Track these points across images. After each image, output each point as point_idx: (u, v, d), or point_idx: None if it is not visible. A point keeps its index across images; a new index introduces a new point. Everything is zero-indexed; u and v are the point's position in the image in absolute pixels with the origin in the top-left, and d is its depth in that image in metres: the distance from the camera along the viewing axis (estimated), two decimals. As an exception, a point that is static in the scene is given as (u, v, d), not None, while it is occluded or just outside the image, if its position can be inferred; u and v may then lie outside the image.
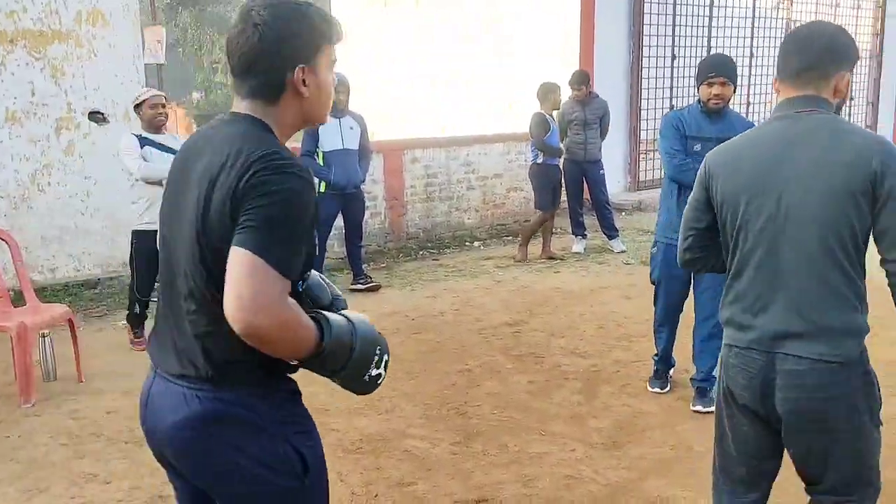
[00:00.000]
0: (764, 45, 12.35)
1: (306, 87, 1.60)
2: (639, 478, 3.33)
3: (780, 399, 2.04)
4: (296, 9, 1.59)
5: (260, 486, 1.59)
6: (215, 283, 1.49)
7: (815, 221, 1.96)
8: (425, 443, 3.71)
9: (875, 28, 13.96)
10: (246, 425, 1.57)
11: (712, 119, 3.90)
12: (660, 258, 4.10)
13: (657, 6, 10.75)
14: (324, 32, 1.62)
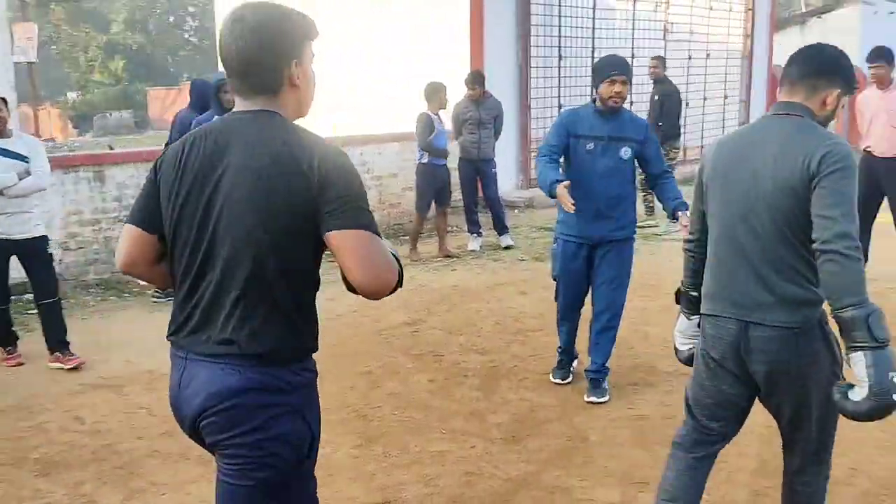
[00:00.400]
0: (644, 47, 12.85)
1: (299, 79, 1.81)
2: (538, 470, 3.39)
3: (753, 362, 2.34)
4: (281, 11, 1.78)
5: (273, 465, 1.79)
6: (285, 267, 1.75)
7: (772, 209, 2.26)
8: (325, 447, 3.63)
9: (746, 30, 14.80)
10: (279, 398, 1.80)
11: (605, 118, 3.98)
12: (559, 254, 4.18)
13: (543, 7, 11.01)
14: (306, 29, 1.83)
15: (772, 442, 3.57)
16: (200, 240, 1.76)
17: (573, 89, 11.59)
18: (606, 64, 4.00)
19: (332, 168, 1.72)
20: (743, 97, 15.07)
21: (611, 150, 3.96)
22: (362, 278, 1.71)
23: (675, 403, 4.05)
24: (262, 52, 1.75)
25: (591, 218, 3.97)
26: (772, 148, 2.28)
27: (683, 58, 13.70)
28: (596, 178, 3.95)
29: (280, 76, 1.78)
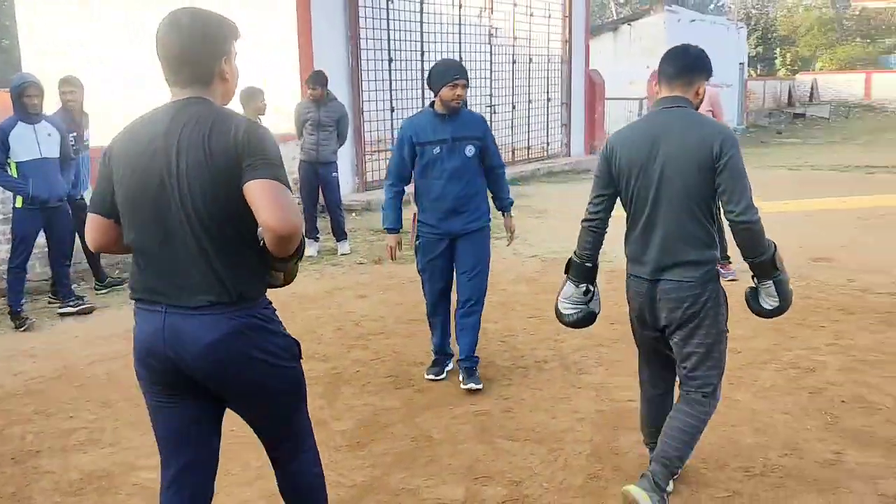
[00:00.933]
0: (471, 51, 13.21)
1: (228, 73, 2.20)
2: (383, 474, 3.37)
3: (661, 310, 2.90)
4: (212, 14, 2.19)
5: (279, 372, 2.26)
6: (234, 221, 2.08)
7: (681, 187, 2.79)
8: (157, 473, 3.42)
9: (564, 36, 15.57)
10: (262, 330, 2.19)
11: (445, 120, 4.16)
12: (421, 250, 4.34)
13: (371, 10, 11.02)
14: (233, 31, 2.22)
15: (602, 427, 3.77)
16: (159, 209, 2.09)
17: (404, 92, 11.69)
18: (447, 69, 4.16)
19: (253, 136, 2.06)
20: (564, 100, 15.84)
21: (456, 151, 4.15)
22: (274, 220, 1.98)
23: (513, 397, 4.17)
24: (194, 48, 2.12)
25: (446, 214, 4.20)
26: (676, 137, 2.80)
27: (508, 62, 14.22)
28: (446, 178, 4.15)
29: (211, 70, 2.16)
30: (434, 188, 4.17)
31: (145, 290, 2.16)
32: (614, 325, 5.36)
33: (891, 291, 5.95)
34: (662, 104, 2.91)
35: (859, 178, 12.98)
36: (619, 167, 2.91)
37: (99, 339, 5.28)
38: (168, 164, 2.06)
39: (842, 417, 3.79)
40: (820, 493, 3.10)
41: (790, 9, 44.23)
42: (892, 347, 4.74)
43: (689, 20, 22.01)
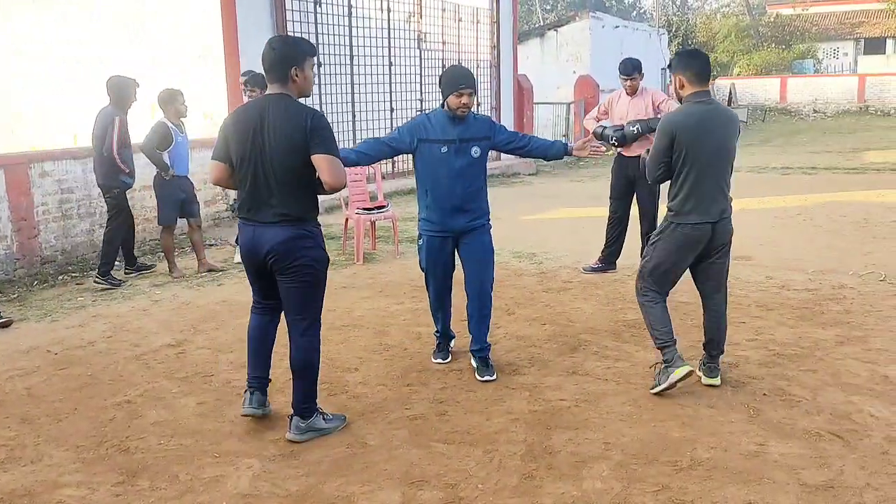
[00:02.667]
0: (400, 55, 13.22)
1: (297, 77, 3.55)
2: (318, 482, 3.33)
3: (716, 241, 4.08)
4: (290, 38, 3.76)
5: (313, 271, 3.63)
6: (297, 172, 3.50)
7: (727, 158, 4.05)
8: (82, 489, 3.32)
9: (492, 41, 15.73)
10: (306, 238, 3.59)
11: (455, 123, 4.35)
12: (425, 248, 4.54)
13: (299, 14, 10.91)
14: (306, 50, 3.61)
15: (535, 427, 3.82)
16: (255, 163, 3.52)
17: (333, 96, 11.61)
18: (454, 77, 4.30)
19: (316, 122, 3.45)
20: (494, 104, 16.00)
21: (463, 151, 4.35)
22: (331, 180, 3.45)
23: (448, 399, 4.19)
24: (275, 60, 3.53)
25: (451, 212, 4.41)
26: (722, 122, 4.00)
27: (438, 66, 14.27)
28: (452, 176, 4.35)
29: (286, 75, 3.53)
30: (440, 186, 4.36)
31: (245, 211, 3.61)
32: (545, 326, 5.44)
33: (807, 288, 6.22)
34: (701, 97, 3.98)
35: (776, 179, 13.52)
36: (679, 143, 3.93)
37: (17, 353, 5.06)
38: (262, 133, 3.47)
39: (764, 410, 3.94)
40: (745, 484, 3.21)
41: (709, 16, 45.74)
42: (809, 342, 4.95)
43: (612, 26, 22.54)
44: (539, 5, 46.62)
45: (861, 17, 42.62)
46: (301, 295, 3.64)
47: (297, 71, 3.51)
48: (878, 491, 3.14)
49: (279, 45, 3.54)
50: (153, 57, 10.25)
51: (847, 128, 25.95)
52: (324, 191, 3.53)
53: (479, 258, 4.53)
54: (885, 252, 7.43)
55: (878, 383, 4.26)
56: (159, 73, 9.72)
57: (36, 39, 11.72)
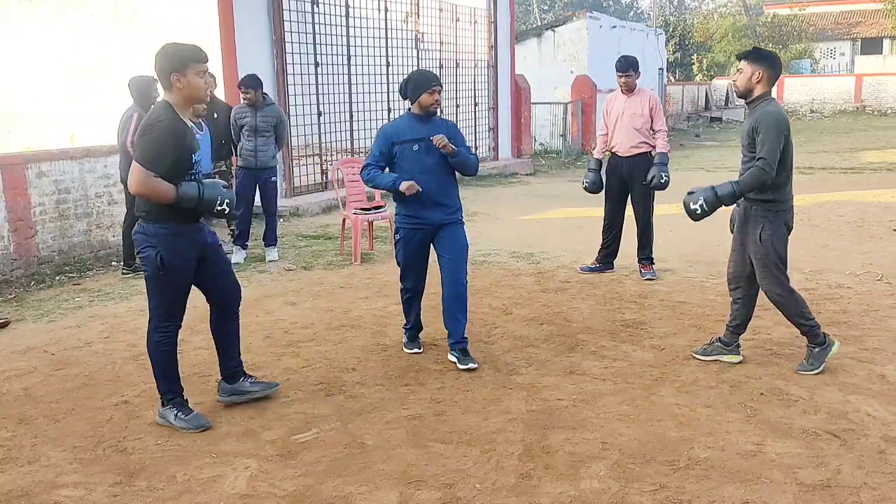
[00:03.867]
0: (397, 55, 13.21)
1: (180, 84, 3.62)
2: (316, 483, 3.33)
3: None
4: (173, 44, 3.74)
5: (146, 267, 3.76)
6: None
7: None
8: (79, 490, 3.31)
9: (490, 41, 15.73)
10: (141, 236, 3.72)
11: (423, 121, 4.67)
12: (402, 243, 4.77)
13: (296, 14, 10.91)
14: (189, 56, 3.65)
15: (533, 427, 3.82)
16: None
17: (331, 96, 11.60)
18: (425, 78, 4.70)
19: (141, 128, 3.62)
20: (491, 104, 16.00)
21: (432, 148, 4.59)
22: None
23: (445, 400, 4.19)
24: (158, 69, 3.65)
25: (429, 206, 4.66)
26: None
27: (435, 67, 14.27)
28: (427, 172, 4.62)
29: (167, 82, 3.64)
30: (418, 182, 4.58)
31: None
32: (543, 326, 5.44)
33: (804, 287, 6.22)
34: (773, 97, 4.33)
35: (773, 179, 13.52)
36: (788, 134, 4.26)
37: (14, 354, 5.06)
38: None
39: (761, 409, 3.94)
40: (742, 484, 3.21)
41: (706, 16, 45.75)
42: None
43: (610, 26, 22.55)
44: (536, 5, 46.65)
45: (858, 17, 42.71)
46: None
47: (178, 77, 3.58)
48: (874, 490, 3.15)
49: (161, 51, 3.62)
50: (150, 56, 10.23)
51: (844, 128, 25.99)
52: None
53: (455, 255, 4.72)
54: (882, 252, 7.44)
55: (874, 383, 4.26)
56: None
57: (32, 39, 11.71)
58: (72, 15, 11.25)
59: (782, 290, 4.41)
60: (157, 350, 3.88)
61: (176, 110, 3.67)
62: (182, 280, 3.81)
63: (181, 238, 3.73)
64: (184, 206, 3.65)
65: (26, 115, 11.84)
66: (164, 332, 3.87)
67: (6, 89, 12.04)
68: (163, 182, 3.59)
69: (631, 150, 6.57)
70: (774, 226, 4.32)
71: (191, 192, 3.66)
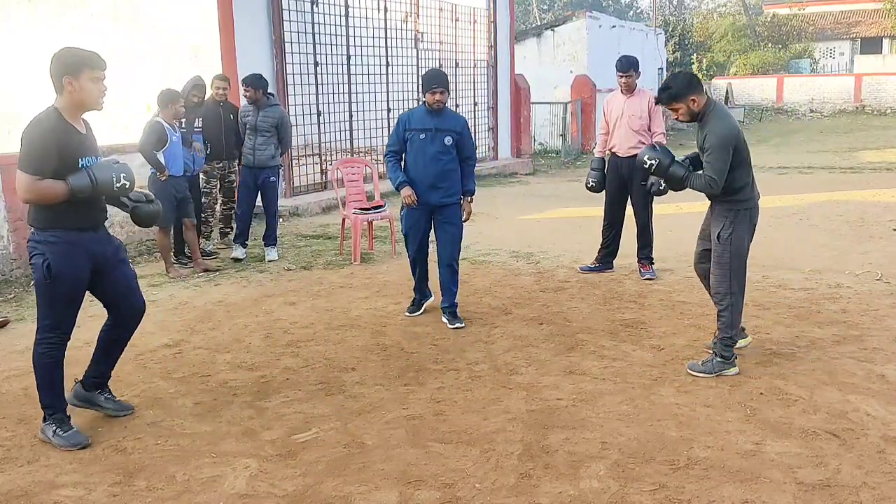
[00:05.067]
0: (397, 55, 13.21)
1: (72, 87, 3.49)
2: (315, 483, 3.33)
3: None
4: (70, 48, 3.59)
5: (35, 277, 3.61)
6: None
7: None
8: (79, 489, 3.31)
9: (489, 41, 15.73)
10: (32, 244, 3.59)
11: (432, 115, 5.35)
12: (405, 216, 5.50)
13: (296, 14, 10.90)
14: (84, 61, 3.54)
15: (532, 426, 3.82)
16: None
17: (330, 96, 11.60)
18: (428, 79, 5.34)
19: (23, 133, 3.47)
20: (491, 104, 16.00)
21: (437, 139, 5.31)
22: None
23: (445, 399, 4.19)
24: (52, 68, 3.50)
25: (427, 188, 5.34)
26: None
27: (435, 66, 14.27)
28: (429, 158, 5.31)
29: (59, 85, 3.50)
30: (419, 166, 5.32)
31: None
32: (542, 326, 5.44)
33: (803, 287, 6.23)
34: (716, 102, 4.44)
35: (772, 179, 13.53)
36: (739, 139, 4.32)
37: (13, 354, 5.06)
38: None
39: (760, 409, 3.94)
40: (742, 483, 3.21)
41: (705, 15, 45.75)
42: (805, 341, 4.96)
43: (609, 26, 22.54)
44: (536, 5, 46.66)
45: (857, 16, 42.71)
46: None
47: (70, 80, 3.45)
48: (874, 490, 3.15)
49: (56, 54, 3.49)
50: (149, 55, 10.24)
51: (843, 127, 25.99)
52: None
53: (450, 231, 5.42)
54: (882, 251, 7.44)
55: (874, 382, 4.26)
56: (155, 71, 9.72)
57: (32, 39, 11.70)
58: (72, 15, 11.24)
59: (728, 290, 4.44)
60: (39, 361, 3.68)
61: (63, 114, 3.53)
62: (72, 290, 3.63)
63: (72, 247, 3.57)
64: (81, 196, 3.47)
65: (26, 115, 11.81)
66: (48, 343, 3.67)
67: (6, 89, 12.02)
68: (49, 181, 3.42)
69: (630, 151, 6.57)
70: (736, 225, 4.37)
71: (82, 181, 3.47)
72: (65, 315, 3.69)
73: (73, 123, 3.57)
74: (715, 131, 4.26)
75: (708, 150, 4.27)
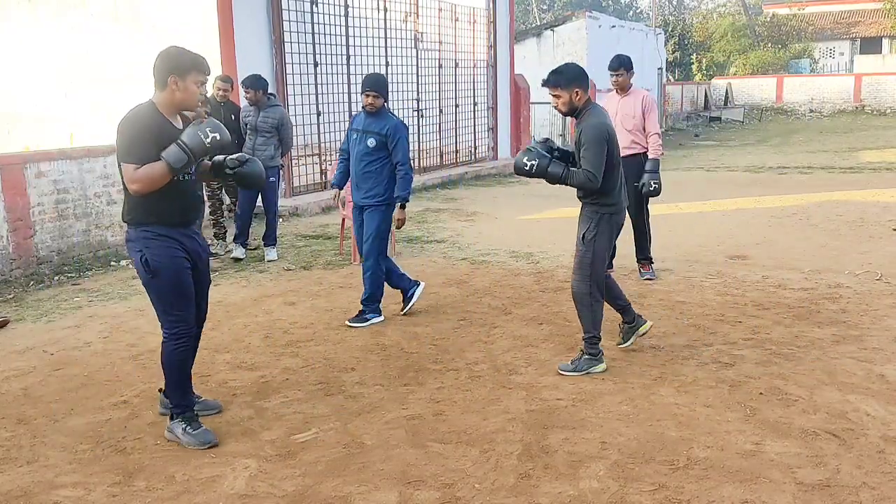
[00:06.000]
0: (397, 55, 13.20)
1: (176, 88, 3.54)
2: (315, 483, 3.33)
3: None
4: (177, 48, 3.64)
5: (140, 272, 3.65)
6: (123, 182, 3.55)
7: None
8: (78, 490, 3.31)
9: (489, 41, 15.73)
10: (130, 242, 3.64)
11: (368, 117, 5.53)
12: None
13: (296, 14, 10.90)
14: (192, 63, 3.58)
15: (532, 426, 3.82)
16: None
17: (330, 96, 11.60)
18: (363, 82, 5.56)
19: (118, 127, 3.55)
20: (491, 104, 16.00)
21: (363, 139, 5.49)
22: (126, 184, 3.51)
23: (445, 399, 4.19)
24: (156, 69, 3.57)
25: (354, 186, 5.60)
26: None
27: (434, 67, 14.28)
28: (356, 158, 5.55)
29: (162, 82, 3.55)
30: (352, 165, 5.59)
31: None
32: (542, 326, 5.44)
33: (803, 287, 6.23)
34: (594, 104, 4.49)
35: (772, 179, 13.53)
36: (611, 140, 4.40)
37: (13, 354, 5.06)
38: None
39: (760, 409, 3.94)
40: (742, 484, 3.21)
41: (705, 15, 45.73)
42: (805, 341, 4.96)
43: (609, 26, 22.55)
44: (535, 5, 46.65)
45: (857, 16, 42.72)
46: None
47: (175, 80, 3.50)
48: (874, 490, 3.15)
49: (165, 52, 3.57)
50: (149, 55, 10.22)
51: (843, 127, 26.00)
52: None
53: (369, 232, 5.52)
54: (881, 251, 7.44)
55: (874, 382, 4.26)
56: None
57: (32, 39, 11.70)
58: (71, 15, 11.24)
59: (589, 291, 4.52)
60: (169, 360, 3.69)
61: (160, 109, 3.57)
62: (176, 280, 3.60)
63: (166, 240, 3.58)
64: (180, 166, 3.45)
65: (26, 114, 11.83)
66: (175, 339, 3.66)
67: (6, 89, 12.02)
68: (147, 165, 3.43)
69: (623, 151, 6.54)
70: (599, 228, 4.47)
71: (174, 151, 3.44)
72: (179, 307, 3.65)
73: (169, 119, 3.61)
74: (590, 126, 4.33)
75: (584, 146, 4.33)
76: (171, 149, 3.44)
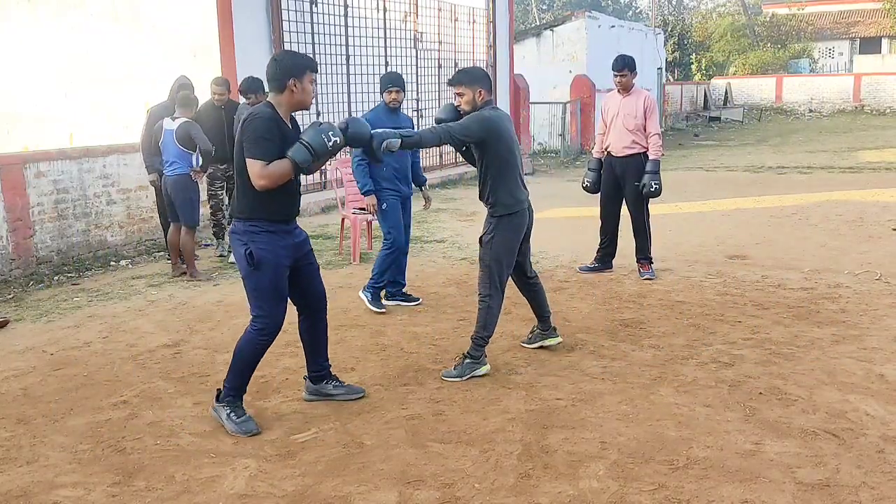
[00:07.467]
0: (396, 55, 13.20)
1: (295, 89, 3.72)
2: (315, 483, 3.33)
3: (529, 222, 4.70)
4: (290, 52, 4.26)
5: (241, 266, 3.79)
6: (242, 178, 3.71)
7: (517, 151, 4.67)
8: (78, 490, 3.31)
9: (488, 41, 15.73)
10: (237, 235, 3.79)
11: (390, 115, 5.77)
12: (390, 208, 5.85)
13: (295, 14, 10.90)
14: (307, 63, 3.80)
15: (532, 426, 3.82)
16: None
17: (329, 96, 11.60)
18: (386, 79, 5.85)
19: (244, 125, 3.69)
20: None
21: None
22: (252, 180, 3.62)
23: (444, 399, 4.19)
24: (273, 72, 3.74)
25: (400, 180, 5.88)
26: (509, 122, 4.73)
27: (434, 66, 14.28)
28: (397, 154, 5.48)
29: (282, 85, 3.71)
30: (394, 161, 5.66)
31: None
32: (542, 326, 5.44)
33: (802, 286, 6.23)
34: (493, 104, 4.65)
35: (771, 179, 13.54)
36: (501, 139, 4.53)
37: (13, 354, 5.06)
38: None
39: (760, 409, 3.95)
40: (741, 483, 3.21)
41: (704, 15, 45.74)
42: (804, 340, 4.96)
43: (608, 26, 22.54)
44: (535, 5, 46.66)
45: (856, 16, 42.72)
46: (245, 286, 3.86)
47: (295, 82, 3.66)
48: (874, 490, 3.15)
49: (280, 57, 3.76)
50: (148, 55, 10.24)
51: (842, 127, 26.01)
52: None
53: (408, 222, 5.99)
54: (881, 251, 7.45)
55: (873, 382, 4.27)
56: (154, 71, 9.71)
57: (32, 39, 11.70)
58: (71, 15, 11.24)
59: (489, 293, 4.54)
60: (247, 345, 3.85)
61: (278, 110, 3.74)
62: (275, 277, 3.75)
63: (272, 236, 3.73)
64: (305, 166, 3.66)
65: (25, 114, 11.83)
66: (261, 331, 3.82)
67: (6, 89, 12.02)
68: (276, 162, 3.61)
69: (624, 151, 6.57)
70: (498, 232, 4.52)
71: (301, 151, 3.64)
72: (273, 303, 3.80)
73: (284, 119, 3.77)
74: (480, 113, 4.44)
75: (465, 120, 4.41)
76: (298, 148, 3.64)
